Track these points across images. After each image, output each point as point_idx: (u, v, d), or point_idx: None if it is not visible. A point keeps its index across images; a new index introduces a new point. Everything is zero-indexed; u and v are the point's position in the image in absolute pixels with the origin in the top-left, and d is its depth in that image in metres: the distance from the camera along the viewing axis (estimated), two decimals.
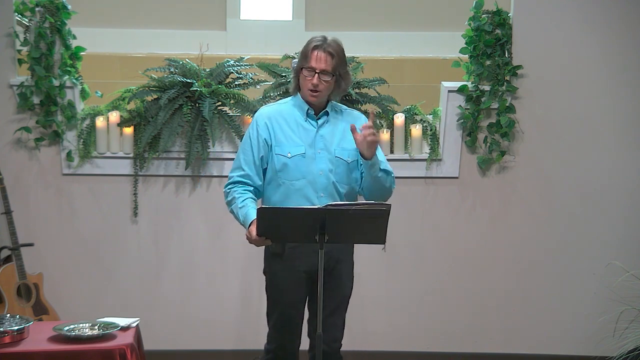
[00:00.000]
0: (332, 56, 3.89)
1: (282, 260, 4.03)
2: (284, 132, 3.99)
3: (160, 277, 5.58)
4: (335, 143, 4.00)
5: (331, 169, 3.98)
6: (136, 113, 5.43)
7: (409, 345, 5.61)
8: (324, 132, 4.00)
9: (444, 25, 6.43)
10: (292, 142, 3.98)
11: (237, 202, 3.97)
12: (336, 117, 4.04)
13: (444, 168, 5.54)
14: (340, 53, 3.94)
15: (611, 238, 5.54)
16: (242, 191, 4.00)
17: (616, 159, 5.53)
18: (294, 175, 3.97)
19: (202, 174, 5.51)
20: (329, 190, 3.97)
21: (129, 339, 4.00)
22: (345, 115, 4.07)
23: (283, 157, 3.97)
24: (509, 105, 5.45)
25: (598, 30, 5.49)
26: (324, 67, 3.89)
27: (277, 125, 4.01)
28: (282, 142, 3.99)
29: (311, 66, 3.90)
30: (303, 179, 3.97)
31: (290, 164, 3.97)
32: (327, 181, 3.97)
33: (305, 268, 3.99)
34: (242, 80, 5.48)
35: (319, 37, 3.95)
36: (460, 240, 5.59)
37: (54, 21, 5.35)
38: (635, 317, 4.92)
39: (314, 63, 3.89)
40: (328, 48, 3.89)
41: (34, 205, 5.50)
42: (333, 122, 4.03)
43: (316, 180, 3.96)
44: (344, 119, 4.04)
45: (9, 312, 5.10)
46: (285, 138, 3.99)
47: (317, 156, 3.98)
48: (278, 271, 4.05)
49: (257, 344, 5.44)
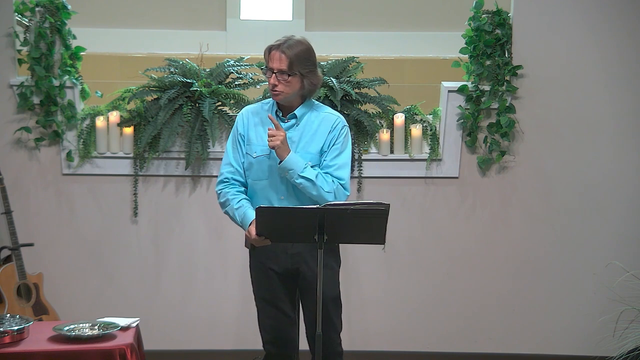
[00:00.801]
0: (287, 55, 3.88)
1: (254, 254, 4.09)
2: (257, 132, 4.03)
3: (160, 277, 5.58)
4: (300, 146, 3.99)
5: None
6: (136, 113, 5.43)
7: (409, 345, 5.61)
8: (292, 134, 3.99)
9: (444, 25, 6.44)
10: (261, 142, 4.00)
11: (232, 204, 4.00)
12: (311, 120, 4.02)
13: (444, 168, 5.54)
14: (301, 52, 3.90)
15: (611, 238, 5.54)
16: (235, 192, 4.03)
17: (616, 159, 5.53)
18: (258, 176, 4.01)
19: (202, 174, 5.51)
20: (289, 192, 3.97)
21: (129, 339, 4.00)
22: (320, 118, 4.03)
23: (250, 156, 4.02)
24: (509, 105, 5.45)
25: (598, 30, 5.49)
26: (279, 67, 3.89)
27: (252, 124, 4.05)
28: (252, 142, 4.03)
29: (269, 66, 3.92)
30: (265, 180, 4.00)
31: (255, 164, 4.00)
32: (288, 184, 3.97)
33: (273, 267, 4.03)
34: (242, 80, 5.48)
35: (283, 37, 3.95)
36: (460, 240, 5.59)
37: (54, 21, 5.35)
38: (635, 317, 4.92)
39: (270, 63, 3.91)
40: (284, 48, 3.89)
41: (34, 205, 5.50)
42: (305, 124, 4.01)
43: (277, 182, 3.98)
44: (318, 123, 4.02)
45: (9, 312, 5.10)
46: (255, 138, 4.03)
47: None
48: (252, 266, 4.13)
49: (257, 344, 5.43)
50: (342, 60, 5.49)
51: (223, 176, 4.06)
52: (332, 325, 4.08)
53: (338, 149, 4.01)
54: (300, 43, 3.92)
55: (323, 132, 4.00)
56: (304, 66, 3.91)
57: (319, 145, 3.99)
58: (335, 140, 4.00)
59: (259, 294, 4.12)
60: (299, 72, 3.90)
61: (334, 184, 3.95)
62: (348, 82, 5.40)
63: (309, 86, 3.96)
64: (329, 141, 4.00)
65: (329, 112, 4.07)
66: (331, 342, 4.07)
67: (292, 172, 3.89)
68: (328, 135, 4.00)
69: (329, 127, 4.00)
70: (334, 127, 4.01)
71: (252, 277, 4.15)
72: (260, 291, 4.11)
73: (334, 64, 5.46)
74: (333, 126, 4.01)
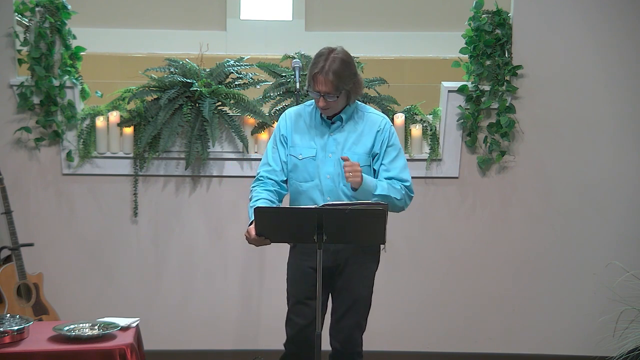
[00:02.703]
0: (332, 79, 3.90)
1: (295, 253, 4.12)
2: (301, 134, 4.06)
3: (160, 277, 5.58)
4: (347, 147, 4.03)
5: (339, 172, 4.00)
6: (136, 113, 5.43)
7: (409, 345, 5.61)
8: (338, 136, 4.03)
9: (444, 25, 6.44)
10: (306, 144, 4.04)
11: (251, 202, 4.02)
12: (355, 121, 4.07)
13: (444, 168, 5.55)
14: (343, 71, 3.93)
15: (611, 238, 5.54)
16: (261, 190, 4.05)
17: (616, 158, 5.53)
18: (303, 177, 4.03)
19: (202, 174, 5.51)
20: (335, 193, 4.00)
21: (129, 339, 4.00)
22: (366, 119, 4.07)
23: (295, 158, 4.05)
24: (509, 105, 5.45)
25: (598, 30, 5.49)
26: (325, 90, 3.92)
27: (296, 126, 4.08)
28: (296, 144, 4.06)
29: (316, 90, 3.94)
30: (311, 181, 4.03)
31: (300, 166, 4.04)
32: (334, 184, 4.00)
33: (312, 264, 4.00)
34: (242, 80, 5.48)
35: (322, 56, 3.95)
36: (460, 240, 5.59)
37: (54, 21, 5.35)
38: (635, 317, 4.92)
39: (317, 87, 3.93)
40: (329, 73, 3.90)
41: (34, 205, 5.50)
42: (350, 125, 4.05)
43: (323, 183, 4.01)
44: (364, 123, 4.06)
45: (9, 312, 5.10)
46: (300, 139, 4.06)
47: (327, 159, 4.02)
48: (292, 264, 4.14)
49: (257, 344, 5.47)
50: None
51: (259, 175, 4.11)
52: (359, 325, 4.11)
53: (395, 150, 4.06)
54: (341, 61, 3.93)
55: (370, 133, 4.04)
56: (348, 82, 3.95)
57: (367, 146, 4.03)
58: (388, 142, 4.05)
59: (293, 292, 4.11)
60: (344, 89, 3.94)
61: (402, 190, 4.02)
62: None
63: (354, 95, 4.02)
64: (380, 142, 4.04)
65: (373, 112, 4.13)
66: (356, 342, 4.11)
67: (366, 193, 3.93)
68: (377, 136, 4.04)
69: (376, 128, 4.05)
70: (382, 128, 4.06)
71: (288, 275, 4.15)
72: (295, 289, 4.09)
73: None
74: (380, 127, 4.06)
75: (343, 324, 4.05)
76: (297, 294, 4.09)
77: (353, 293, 4.06)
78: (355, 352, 4.13)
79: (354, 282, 4.06)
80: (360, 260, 4.07)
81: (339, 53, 3.97)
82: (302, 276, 4.06)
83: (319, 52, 4.00)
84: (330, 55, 3.95)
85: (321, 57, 3.96)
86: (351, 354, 4.11)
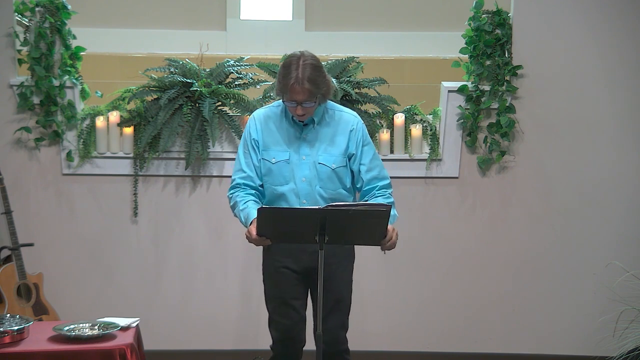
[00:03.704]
0: (308, 87, 3.87)
1: (269, 254, 4.10)
2: (272, 137, 4.04)
3: (160, 277, 5.58)
4: (322, 149, 4.02)
5: (314, 175, 4.00)
6: (136, 113, 5.43)
7: (408, 345, 5.61)
8: (311, 138, 4.02)
9: (444, 25, 6.44)
10: (278, 147, 4.02)
11: (239, 206, 4.01)
12: (326, 121, 4.05)
13: (444, 168, 5.55)
14: (316, 77, 3.89)
15: (611, 238, 5.54)
16: (244, 195, 4.04)
17: (616, 158, 5.53)
18: (278, 181, 4.02)
19: (202, 174, 5.51)
20: (311, 196, 4.00)
21: (129, 339, 4.00)
22: (337, 119, 4.06)
23: (268, 162, 4.03)
24: (509, 105, 5.45)
25: (598, 30, 5.49)
26: (303, 99, 3.90)
27: (266, 128, 4.05)
28: (269, 147, 4.03)
29: (292, 100, 3.91)
30: (286, 185, 4.01)
31: (275, 169, 4.02)
32: (310, 187, 4.00)
33: (290, 265, 4.04)
34: (242, 80, 5.48)
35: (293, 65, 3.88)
36: (460, 240, 5.59)
37: (54, 21, 5.35)
38: (635, 317, 4.92)
39: (294, 97, 3.90)
40: (304, 81, 3.86)
41: (34, 205, 5.50)
42: (321, 126, 4.04)
43: (299, 187, 4.00)
44: (336, 123, 4.05)
45: (9, 312, 5.10)
46: (272, 142, 4.03)
47: (302, 162, 4.01)
48: (267, 265, 4.14)
49: (257, 344, 5.46)
50: (342, 60, 5.49)
51: (235, 182, 4.08)
52: (344, 324, 4.12)
53: (372, 149, 4.08)
54: (312, 66, 3.90)
55: (343, 133, 4.04)
56: (322, 86, 3.93)
57: (341, 147, 4.03)
58: (363, 141, 4.06)
59: (273, 293, 4.11)
60: (319, 94, 3.93)
61: (391, 197, 4.06)
62: (348, 82, 5.40)
63: (326, 97, 4.00)
64: (355, 142, 4.04)
65: (344, 110, 4.12)
66: (342, 341, 4.11)
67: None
68: (350, 136, 4.04)
69: (349, 127, 4.05)
70: (356, 127, 4.06)
71: (264, 276, 4.15)
72: (275, 291, 4.10)
73: (334, 64, 5.46)
74: (353, 126, 4.05)
75: (328, 324, 4.02)
76: (279, 295, 4.09)
77: (335, 294, 4.06)
78: (343, 350, 4.13)
79: (335, 282, 4.06)
80: (339, 260, 4.08)
81: (307, 58, 3.92)
82: (281, 277, 4.07)
83: (288, 61, 3.93)
84: (300, 63, 3.89)
85: (292, 66, 3.90)
86: (340, 353, 4.11)
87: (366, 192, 4.07)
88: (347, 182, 4.07)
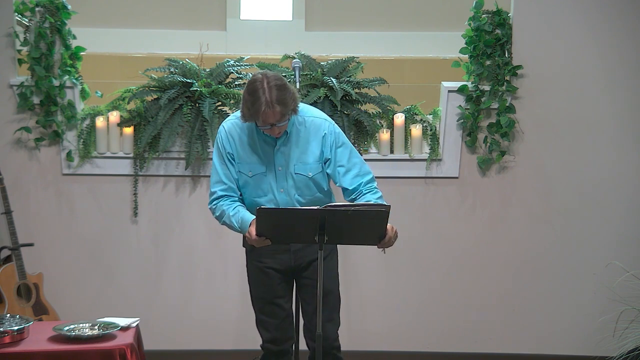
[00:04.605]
0: (280, 109, 3.82)
1: (252, 255, 4.11)
2: (245, 149, 4.01)
3: (160, 277, 5.58)
4: (296, 158, 4.00)
5: (292, 185, 4.00)
6: (136, 113, 5.43)
7: (408, 345, 5.61)
8: (284, 149, 4.00)
9: (444, 25, 6.44)
10: (253, 160, 4.00)
11: (228, 212, 3.99)
12: (297, 129, 4.02)
13: (444, 168, 5.54)
14: (284, 97, 3.83)
15: (611, 238, 5.54)
16: (229, 202, 4.02)
17: (616, 158, 5.53)
18: (256, 193, 4.02)
19: (202, 174, 5.51)
20: (290, 205, 3.99)
21: (129, 339, 4.00)
22: (308, 126, 4.03)
23: (245, 175, 4.02)
24: (509, 105, 5.45)
25: (598, 30, 5.49)
26: (276, 120, 3.85)
27: (238, 141, 4.02)
28: (243, 160, 4.01)
29: (265, 123, 3.86)
30: (265, 197, 4.01)
31: (252, 182, 4.02)
32: (288, 197, 4.01)
33: (273, 265, 4.06)
34: (242, 80, 5.48)
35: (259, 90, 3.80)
36: (460, 240, 5.59)
37: (54, 21, 5.35)
38: (635, 317, 4.92)
39: (267, 121, 3.84)
40: (274, 104, 3.80)
41: (34, 205, 5.50)
42: (295, 135, 4.01)
43: (278, 198, 4.01)
44: (307, 130, 4.02)
45: (9, 312, 5.10)
46: (246, 155, 4.01)
47: (278, 174, 4.00)
48: (249, 266, 4.15)
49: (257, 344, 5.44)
50: (342, 60, 5.49)
51: (216, 194, 4.05)
52: (333, 320, 4.13)
53: (347, 148, 4.04)
54: (278, 87, 3.82)
55: (315, 139, 4.01)
56: (289, 105, 3.86)
57: (315, 154, 4.01)
58: (336, 143, 4.02)
59: (258, 294, 4.14)
60: (289, 112, 3.88)
61: (378, 191, 4.04)
62: (348, 82, 5.40)
63: (295, 110, 3.94)
64: (329, 146, 4.01)
65: (313, 115, 4.06)
66: (332, 337, 4.11)
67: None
68: (323, 141, 4.01)
69: (321, 133, 4.02)
70: (328, 131, 4.02)
71: (249, 277, 4.17)
72: (260, 291, 4.12)
73: (334, 64, 5.46)
74: (325, 130, 4.02)
75: (316, 321, 3.98)
76: (264, 295, 4.10)
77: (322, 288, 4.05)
78: (334, 347, 4.12)
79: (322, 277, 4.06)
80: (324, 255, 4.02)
81: (271, 80, 3.83)
82: (266, 277, 4.08)
83: (252, 87, 3.83)
84: (265, 87, 3.81)
85: (258, 92, 3.81)
86: (330, 350, 4.10)
87: (352, 191, 4.04)
88: (325, 185, 4.07)
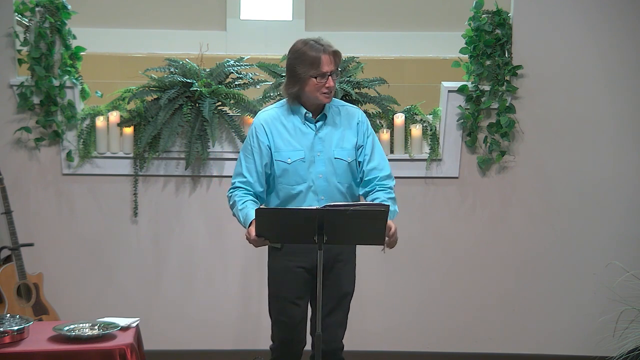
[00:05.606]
0: (336, 54, 3.96)
1: (280, 254, 4.07)
2: (283, 138, 4.02)
3: (160, 277, 5.58)
4: (335, 144, 4.03)
5: (331, 170, 4.01)
6: (136, 113, 5.43)
7: (408, 345, 5.61)
8: (323, 135, 4.02)
9: (444, 25, 6.44)
10: (291, 147, 4.01)
11: (237, 205, 4.00)
12: (334, 117, 4.06)
13: (444, 168, 5.54)
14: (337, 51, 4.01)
15: (611, 238, 5.54)
16: (243, 194, 4.02)
17: (616, 158, 5.53)
18: (295, 180, 4.01)
19: (202, 174, 5.51)
20: (329, 192, 4.00)
21: (129, 339, 4.00)
22: (343, 114, 4.09)
23: (283, 162, 4.00)
24: (509, 105, 5.45)
25: (598, 30, 5.49)
26: (333, 69, 3.95)
27: (275, 130, 4.03)
28: (281, 148, 4.01)
29: (323, 72, 3.93)
30: (304, 183, 4.00)
31: (290, 169, 4.00)
32: (327, 183, 4.00)
33: (303, 264, 4.02)
34: (242, 80, 5.48)
35: (314, 41, 3.97)
36: (460, 240, 5.59)
37: (54, 21, 5.35)
38: (635, 317, 4.92)
39: (324, 68, 3.93)
40: (330, 49, 3.95)
41: (34, 205, 5.50)
42: (331, 122, 4.05)
43: (316, 184, 4.00)
44: (342, 118, 4.07)
45: (9, 312, 5.10)
46: (284, 143, 4.01)
47: (317, 159, 4.01)
48: (277, 266, 4.10)
49: (257, 344, 5.47)
50: (342, 60, 5.48)
51: (234, 184, 4.07)
52: (343, 323, 4.13)
53: (375, 140, 4.10)
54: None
55: (350, 126, 4.06)
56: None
57: (352, 141, 4.05)
58: (367, 132, 4.09)
59: (281, 293, 4.08)
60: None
61: (392, 192, 4.07)
62: (348, 82, 5.40)
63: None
64: (363, 134, 4.07)
65: (345, 104, 4.15)
66: (339, 339, 4.11)
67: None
68: (358, 128, 4.07)
69: (355, 120, 4.08)
70: (361, 119, 4.10)
71: (272, 277, 4.12)
72: (284, 291, 4.07)
73: None
74: (359, 119, 4.10)
75: (329, 321, 4.03)
76: (287, 295, 4.06)
77: (341, 290, 4.08)
78: (338, 349, 4.13)
79: (342, 279, 4.08)
80: (346, 257, 4.09)
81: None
82: (293, 276, 4.04)
83: (303, 42, 3.99)
84: (316, 39, 3.98)
85: (309, 42, 3.96)
86: (334, 351, 4.11)
87: (367, 183, 4.07)
88: (357, 175, 4.10)
